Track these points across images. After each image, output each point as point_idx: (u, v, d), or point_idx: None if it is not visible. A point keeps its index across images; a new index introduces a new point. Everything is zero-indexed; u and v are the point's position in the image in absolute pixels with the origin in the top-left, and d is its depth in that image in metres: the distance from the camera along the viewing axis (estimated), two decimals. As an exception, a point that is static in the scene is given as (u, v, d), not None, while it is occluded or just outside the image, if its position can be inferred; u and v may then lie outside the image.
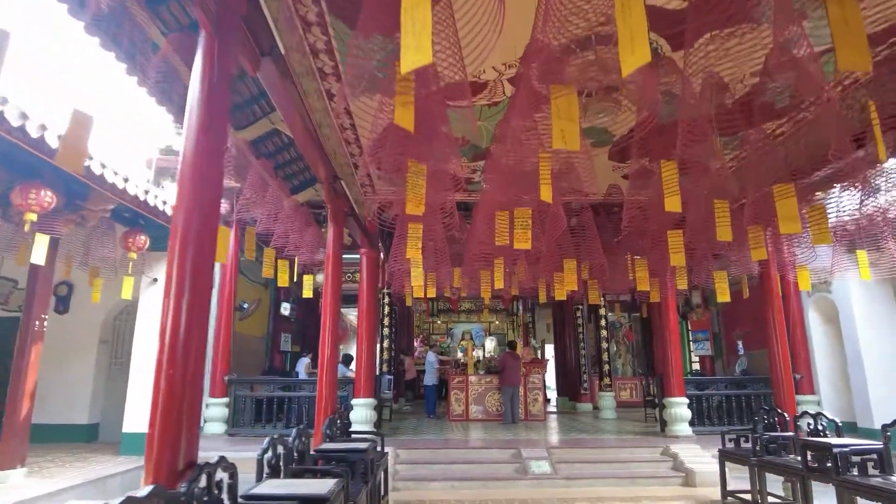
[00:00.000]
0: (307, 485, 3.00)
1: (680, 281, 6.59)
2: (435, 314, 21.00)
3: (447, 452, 7.54)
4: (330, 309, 6.10)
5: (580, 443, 8.10)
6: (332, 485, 2.93)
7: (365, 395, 8.51)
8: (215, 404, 8.99)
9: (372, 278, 8.84)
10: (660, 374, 8.97)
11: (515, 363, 10.98)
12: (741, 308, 11.46)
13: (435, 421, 11.31)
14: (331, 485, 2.91)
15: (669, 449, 7.53)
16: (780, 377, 6.45)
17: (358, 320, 8.88)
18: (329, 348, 6.01)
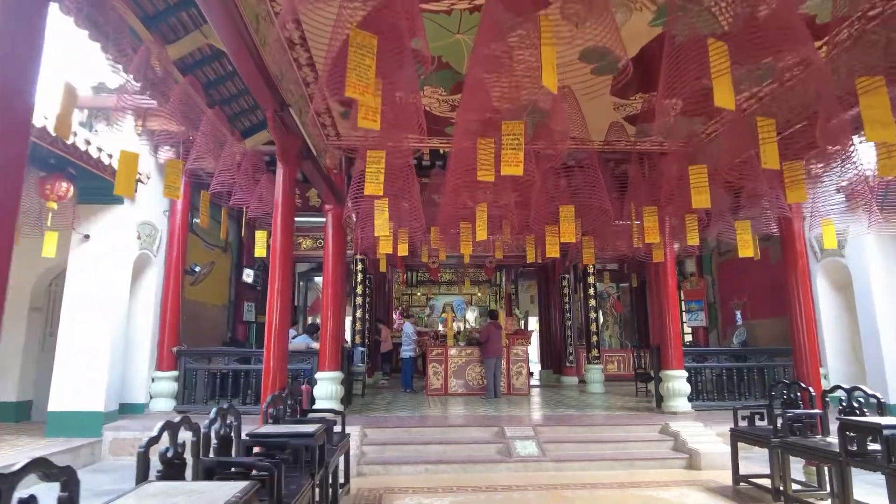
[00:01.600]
0: (194, 492, 2.06)
1: (691, 235, 5.70)
2: (414, 285, 20.10)
3: (422, 432, 6.68)
4: (279, 264, 5.11)
5: (569, 420, 7.31)
6: (235, 494, 1.99)
7: (330, 368, 7.62)
8: (163, 378, 8.02)
9: (339, 238, 7.85)
10: (656, 344, 8.18)
11: (498, 333, 10.17)
12: (739, 276, 10.71)
13: (411, 396, 10.47)
14: (230, 494, 1.97)
15: (669, 427, 6.76)
16: (803, 348, 5.64)
17: (323, 284, 7.91)
18: (278, 312, 5.03)
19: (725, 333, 11.05)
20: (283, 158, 5.21)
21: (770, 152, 3.26)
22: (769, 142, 3.28)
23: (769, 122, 3.36)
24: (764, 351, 8.55)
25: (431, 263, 14.59)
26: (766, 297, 9.89)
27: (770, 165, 3.32)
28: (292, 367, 8.09)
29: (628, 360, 13.66)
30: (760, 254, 9.98)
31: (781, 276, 9.56)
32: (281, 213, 5.19)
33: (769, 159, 3.29)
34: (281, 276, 5.11)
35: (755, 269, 10.19)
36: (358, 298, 11.42)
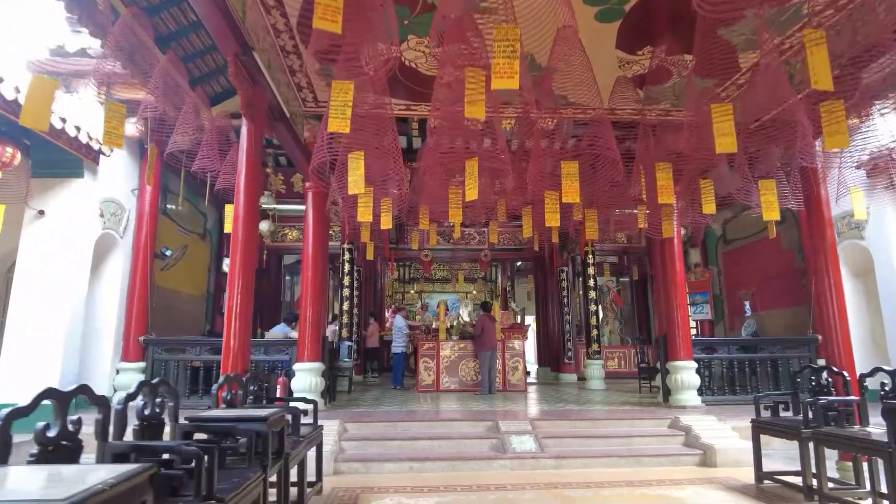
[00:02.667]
0: (55, 477, 1.45)
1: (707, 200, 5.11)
2: (407, 281, 19.49)
3: (407, 426, 6.05)
4: (242, 233, 4.50)
5: (570, 414, 6.70)
6: (107, 480, 1.38)
7: (310, 359, 7.01)
8: (128, 370, 7.38)
9: (320, 218, 7.24)
10: (662, 333, 7.59)
11: (492, 325, 9.56)
12: (747, 265, 10.15)
13: (401, 392, 9.84)
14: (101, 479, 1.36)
15: (679, 421, 6.16)
16: (834, 327, 5.06)
17: (302, 267, 7.30)
18: (240, 287, 4.42)
19: (733, 326, 10.47)
20: (247, 113, 4.61)
21: (820, 67, 2.67)
22: (820, 59, 2.69)
23: (819, 33, 2.78)
24: (777, 341, 7.96)
25: (424, 256, 14.01)
26: (776, 286, 9.33)
27: (822, 85, 2.74)
28: (269, 359, 7.49)
29: (629, 357, 13.06)
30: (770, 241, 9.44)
31: (793, 264, 9.08)
32: (245, 176, 4.59)
33: (820, 77, 2.71)
34: (244, 247, 4.50)
35: (764, 257, 9.64)
36: (345, 290, 10.79)
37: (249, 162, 4.62)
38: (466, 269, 19.37)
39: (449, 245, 14.26)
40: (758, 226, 9.82)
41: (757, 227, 9.84)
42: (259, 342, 7.73)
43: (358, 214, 4.86)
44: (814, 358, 7.79)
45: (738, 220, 10.53)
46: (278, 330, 8.18)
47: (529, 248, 14.35)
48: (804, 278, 8.46)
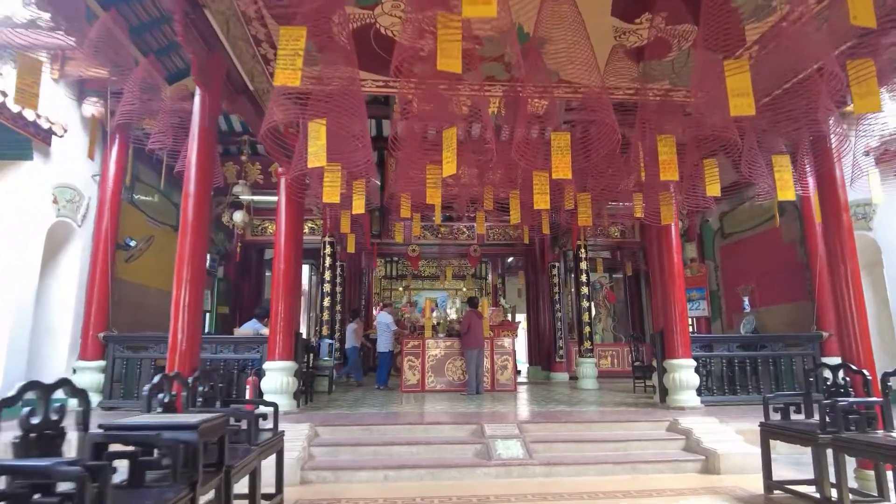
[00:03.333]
0: None
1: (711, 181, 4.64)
2: (394, 278, 18.98)
3: (384, 431, 5.56)
4: (194, 208, 4.00)
5: (561, 416, 6.24)
6: None
7: (282, 357, 6.51)
8: (87, 369, 6.85)
9: (293, 207, 6.75)
10: (659, 330, 7.14)
11: (479, 322, 9.10)
12: (746, 260, 9.74)
13: (384, 393, 9.35)
14: None
15: (678, 423, 5.71)
16: (850, 321, 4.62)
17: (274, 258, 6.80)
18: (188, 276, 3.92)
19: (731, 323, 10.06)
20: (201, 80, 4.10)
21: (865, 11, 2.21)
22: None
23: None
24: (780, 338, 7.54)
25: (411, 251, 13.52)
26: (776, 282, 8.92)
27: (862, 21, 2.29)
28: (239, 357, 6.98)
29: (623, 355, 12.64)
30: (771, 234, 9.04)
31: (795, 257, 8.66)
32: (198, 151, 4.08)
33: (860, 11, 2.26)
34: (194, 230, 4.00)
35: (764, 251, 9.23)
36: (326, 286, 10.28)
37: (203, 135, 4.12)
38: (455, 265, 18.89)
39: (437, 240, 13.80)
40: (758, 218, 9.42)
41: (757, 220, 9.43)
42: (229, 339, 7.21)
43: (324, 194, 4.37)
44: (818, 356, 7.39)
45: (736, 213, 10.12)
46: (249, 326, 7.67)
47: (520, 242, 13.93)
48: (807, 272, 8.04)
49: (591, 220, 5.93)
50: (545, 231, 7.75)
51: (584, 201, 5.80)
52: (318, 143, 3.50)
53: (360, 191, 4.98)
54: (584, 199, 5.81)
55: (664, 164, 4.10)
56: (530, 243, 13.71)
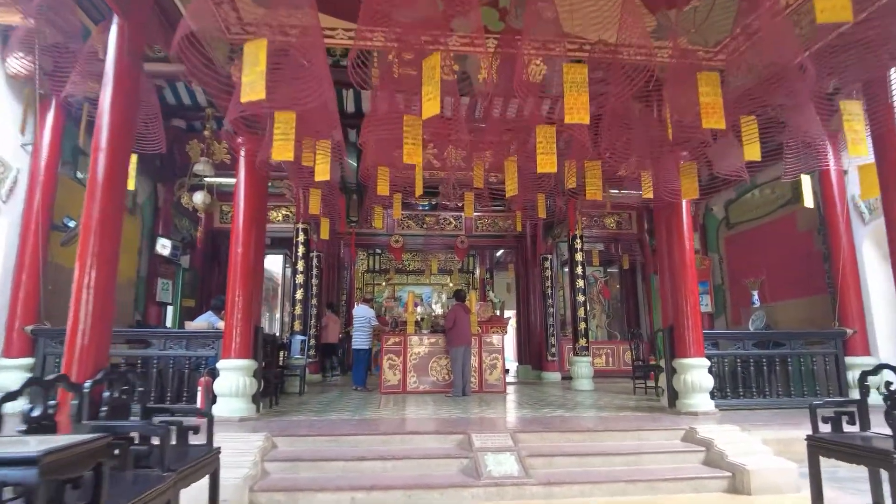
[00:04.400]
0: None
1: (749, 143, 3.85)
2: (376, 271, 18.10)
3: (355, 441, 4.72)
4: (105, 171, 3.12)
5: (560, 424, 5.44)
6: None
7: (239, 356, 5.65)
8: (12, 367, 5.92)
9: (254, 182, 5.88)
10: (668, 325, 6.38)
11: (466, 317, 8.28)
12: (754, 250, 9.03)
13: (361, 395, 8.50)
14: None
15: (695, 433, 4.93)
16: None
17: (231, 241, 5.92)
18: (95, 250, 3.04)
19: (738, 319, 9.35)
20: (116, 3, 3.21)
21: None
22: None
23: None
24: (799, 335, 6.81)
25: (394, 242, 12.69)
26: (790, 274, 8.21)
27: None
28: (191, 354, 6.09)
29: (618, 354, 11.92)
30: (783, 222, 8.34)
31: (812, 247, 7.94)
32: (112, 92, 3.20)
33: None
34: (106, 193, 3.12)
35: (776, 241, 8.52)
36: (298, 276, 9.39)
37: (120, 74, 3.25)
38: (442, 259, 18.08)
39: (422, 230, 12.97)
40: (769, 206, 8.71)
41: (768, 208, 8.73)
42: (178, 333, 6.31)
43: (273, 150, 3.51)
44: (841, 354, 6.68)
45: (744, 201, 9.41)
46: (203, 319, 6.77)
47: (510, 234, 13.15)
48: (826, 263, 7.33)
49: (600, 194, 5.12)
50: (541, 214, 6.94)
51: (594, 171, 4.99)
52: (257, 69, 2.66)
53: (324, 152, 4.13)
54: (594, 168, 5.01)
55: (707, 109, 3.29)
56: (521, 235, 12.94)
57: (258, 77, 2.70)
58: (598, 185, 4.96)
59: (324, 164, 4.17)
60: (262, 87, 2.72)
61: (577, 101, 3.09)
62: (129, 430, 2.63)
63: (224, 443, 4.46)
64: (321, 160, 4.15)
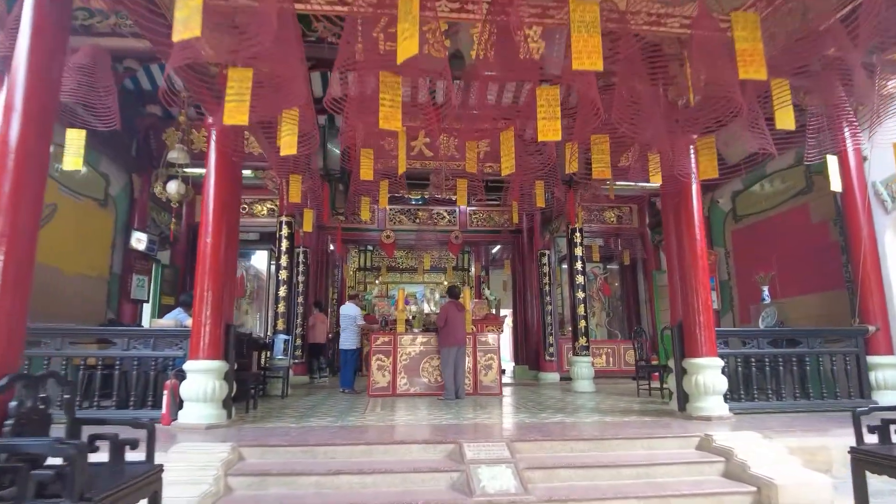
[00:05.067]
0: None
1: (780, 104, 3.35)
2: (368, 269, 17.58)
3: (333, 453, 4.20)
4: (19, 137, 2.60)
5: (561, 431, 4.94)
6: None
7: (208, 356, 5.14)
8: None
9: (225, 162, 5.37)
10: (677, 323, 5.89)
11: (460, 316, 7.76)
12: (764, 244, 8.56)
13: (348, 398, 7.98)
14: None
15: (712, 440, 4.44)
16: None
17: (200, 231, 5.40)
18: (6, 231, 2.52)
19: (745, 316, 8.88)
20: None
21: None
22: None
23: None
24: (817, 332, 6.33)
25: (385, 238, 12.18)
26: (803, 268, 7.74)
27: None
28: (158, 354, 5.56)
29: (619, 353, 11.44)
30: (796, 211, 7.88)
31: (827, 239, 7.47)
32: (31, 44, 2.67)
33: None
34: (20, 163, 2.60)
35: (788, 233, 8.05)
36: (282, 272, 8.86)
37: (39, 22, 2.71)
38: (436, 257, 17.57)
39: (414, 225, 12.46)
40: (780, 196, 8.23)
41: (779, 198, 8.26)
42: (144, 332, 5.78)
43: (225, 112, 3.00)
44: (863, 353, 6.21)
45: (752, 192, 8.94)
46: (171, 316, 6.23)
47: (505, 229, 12.67)
48: (844, 255, 6.86)
49: (609, 171, 4.62)
50: (539, 203, 6.44)
51: (601, 146, 4.48)
52: (192, 3, 2.15)
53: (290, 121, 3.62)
54: (601, 143, 4.49)
55: (744, 56, 2.78)
56: (517, 230, 12.47)
57: (194, 12, 2.20)
58: (607, 161, 4.45)
59: (290, 136, 3.66)
60: (197, 23, 2.22)
61: (588, 43, 2.58)
62: (32, 450, 2.11)
63: (184, 455, 3.97)
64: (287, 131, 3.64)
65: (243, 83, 2.94)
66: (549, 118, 3.30)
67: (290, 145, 3.68)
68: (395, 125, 3.30)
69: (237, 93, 2.93)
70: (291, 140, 3.65)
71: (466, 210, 12.66)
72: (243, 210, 10.91)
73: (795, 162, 7.88)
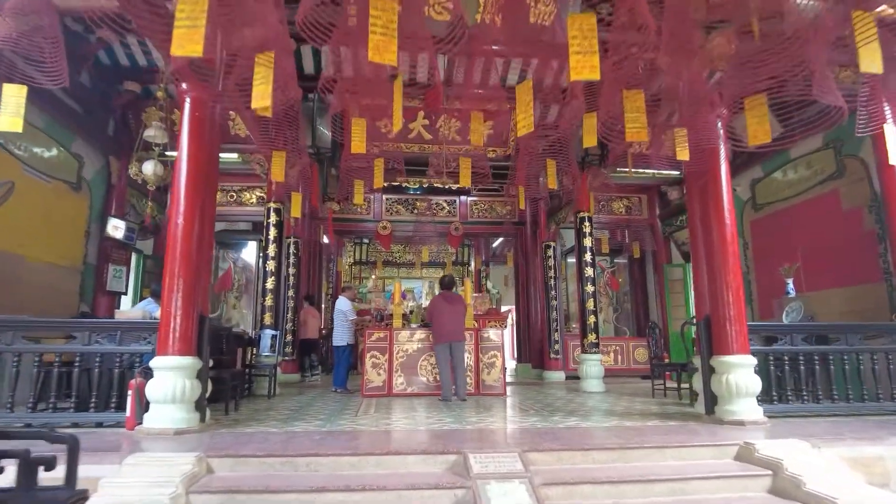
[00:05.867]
0: None
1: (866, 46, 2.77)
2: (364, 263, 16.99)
3: (316, 464, 3.61)
4: None
5: (580, 439, 4.34)
6: None
7: (178, 352, 4.54)
8: None
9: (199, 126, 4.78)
10: (704, 317, 5.30)
11: (452, 308, 7.06)
12: (786, 234, 7.99)
13: (340, 398, 7.38)
14: None
15: (753, 450, 3.86)
16: None
17: (170, 211, 4.81)
18: None
19: (766, 311, 8.31)
20: None
21: None
22: None
23: None
24: (857, 328, 5.74)
25: (381, 229, 11.58)
26: (831, 259, 7.19)
27: None
28: (124, 350, 4.96)
29: (628, 351, 10.86)
30: (824, 198, 7.32)
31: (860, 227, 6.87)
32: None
33: None
34: None
35: (815, 221, 7.49)
36: (269, 263, 8.25)
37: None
38: (434, 251, 16.99)
39: (412, 216, 11.86)
40: (806, 182, 7.66)
41: (804, 185, 7.69)
42: (110, 325, 5.16)
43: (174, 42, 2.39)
44: (904, 351, 5.63)
45: (773, 179, 8.37)
46: (140, 308, 5.63)
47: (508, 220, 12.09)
48: (882, 245, 6.29)
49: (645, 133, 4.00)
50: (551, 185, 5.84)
51: (635, 102, 3.84)
52: None
53: (265, 64, 3.00)
54: (635, 99, 3.87)
55: None
56: (521, 222, 11.88)
57: None
58: (643, 120, 3.84)
59: (263, 85, 3.05)
60: None
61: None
62: None
63: (138, 468, 3.36)
64: (260, 77, 3.03)
65: (197, 5, 2.35)
66: (585, 52, 2.71)
67: (264, 96, 3.07)
68: (389, 58, 2.70)
69: (189, 17, 2.34)
70: (265, 90, 3.05)
71: (467, 201, 12.07)
72: (231, 198, 10.31)
73: (824, 145, 7.31)
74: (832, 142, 7.13)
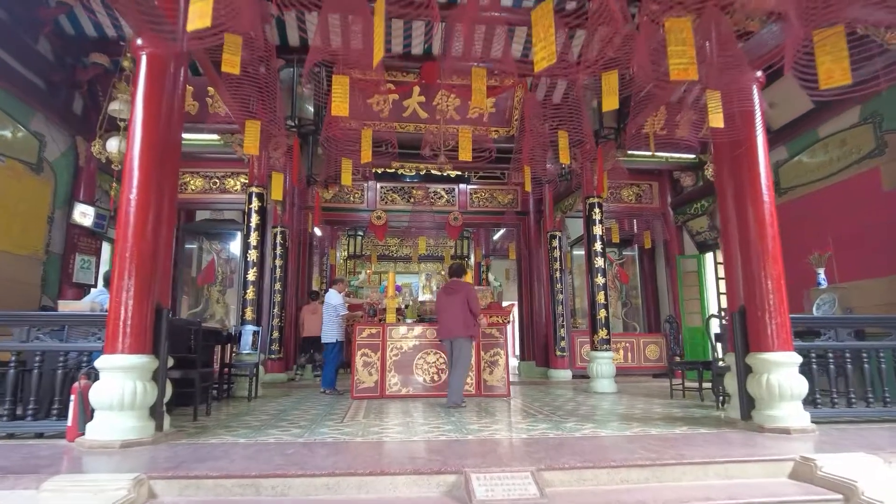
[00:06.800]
0: None
1: None
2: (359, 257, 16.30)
3: (283, 488, 2.93)
4: None
5: (604, 452, 3.65)
6: None
7: (130, 349, 3.86)
8: None
9: (157, 90, 4.10)
10: (739, 308, 4.64)
11: (452, 300, 6.30)
12: (818, 219, 7.32)
13: (328, 400, 6.72)
14: None
15: (814, 468, 3.19)
16: None
17: (122, 185, 4.12)
18: None
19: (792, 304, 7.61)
20: None
21: None
22: None
23: None
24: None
25: (375, 219, 10.90)
26: (869, 246, 6.53)
27: None
28: (70, 347, 4.28)
29: (638, 348, 10.20)
30: (860, 179, 6.65)
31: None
32: None
33: None
34: None
35: (849, 205, 6.82)
36: (252, 253, 7.55)
37: None
38: (432, 244, 16.31)
39: (408, 205, 11.18)
40: (839, 162, 6.99)
41: (837, 165, 7.03)
42: (53, 319, 4.47)
43: None
44: (962, 348, 4.96)
45: (799, 161, 7.70)
46: (90, 298, 4.94)
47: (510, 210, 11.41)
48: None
49: (694, 70, 3.25)
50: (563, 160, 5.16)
51: (679, 35, 3.09)
52: None
53: None
54: (680, 30, 3.15)
55: None
56: (523, 212, 11.21)
57: None
58: (690, 54, 3.11)
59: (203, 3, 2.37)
60: None
61: None
62: None
63: (59, 494, 2.70)
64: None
65: None
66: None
67: (203, 14, 2.38)
68: None
69: None
70: (204, 8, 2.36)
71: (467, 189, 11.39)
72: (214, 185, 9.62)
73: (861, 120, 6.64)
74: (871, 116, 6.47)
